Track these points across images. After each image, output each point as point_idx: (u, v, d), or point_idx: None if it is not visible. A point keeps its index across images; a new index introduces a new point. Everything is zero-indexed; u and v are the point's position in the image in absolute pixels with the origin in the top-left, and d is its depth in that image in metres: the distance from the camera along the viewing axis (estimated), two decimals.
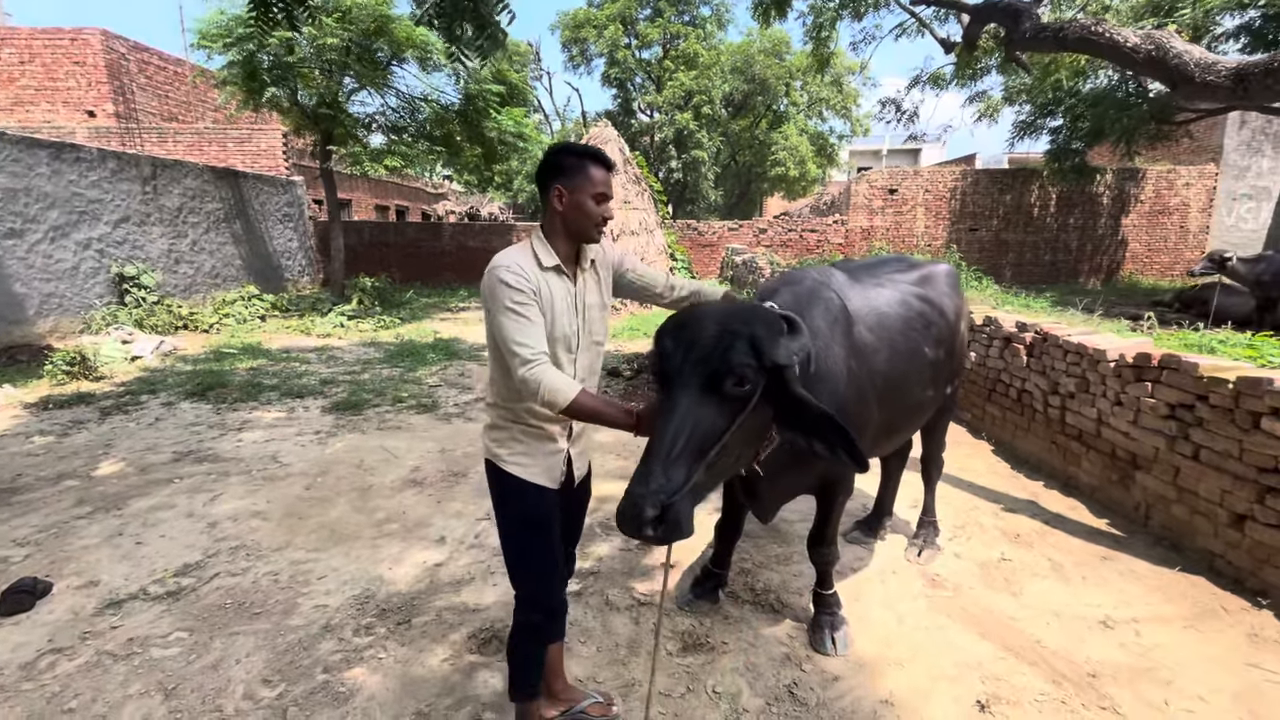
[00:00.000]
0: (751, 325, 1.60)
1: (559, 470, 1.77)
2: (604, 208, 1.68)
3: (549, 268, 1.66)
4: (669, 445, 1.49)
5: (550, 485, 1.76)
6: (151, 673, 2.26)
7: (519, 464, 1.72)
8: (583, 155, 1.66)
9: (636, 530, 1.45)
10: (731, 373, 1.55)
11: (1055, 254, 15.58)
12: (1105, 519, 3.43)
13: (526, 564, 1.79)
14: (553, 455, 1.75)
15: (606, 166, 1.69)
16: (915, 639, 2.48)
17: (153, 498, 3.71)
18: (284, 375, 6.61)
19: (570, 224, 1.68)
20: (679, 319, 1.69)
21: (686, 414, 1.53)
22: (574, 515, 1.96)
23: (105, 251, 8.53)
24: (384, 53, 9.95)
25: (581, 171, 1.64)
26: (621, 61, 20.50)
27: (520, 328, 1.55)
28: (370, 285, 11.71)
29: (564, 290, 1.69)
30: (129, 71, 13.63)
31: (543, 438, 1.74)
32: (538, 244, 1.68)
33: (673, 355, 1.60)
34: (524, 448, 1.73)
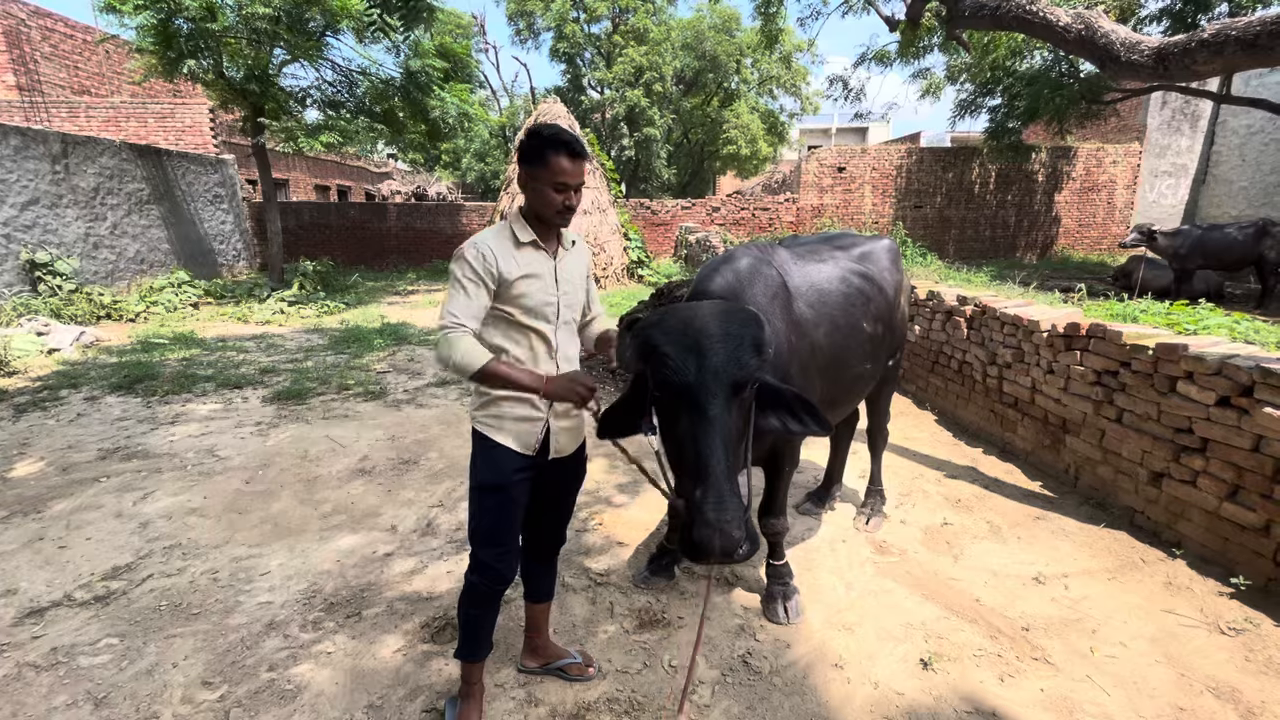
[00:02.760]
0: (749, 327, 1.67)
1: (533, 438, 1.78)
2: (565, 196, 1.68)
3: (526, 243, 1.73)
4: (723, 462, 1.52)
5: (520, 450, 1.77)
6: (79, 682, 2.13)
7: (487, 424, 1.77)
8: (544, 142, 1.65)
9: (729, 557, 1.46)
10: (750, 378, 1.62)
11: (995, 230, 16.18)
12: (1039, 481, 3.61)
13: (479, 523, 1.80)
14: (526, 421, 1.77)
15: (571, 154, 1.65)
16: (864, 604, 2.57)
17: (76, 499, 3.49)
18: (220, 365, 6.29)
19: (533, 208, 1.73)
20: (674, 323, 1.66)
21: (721, 426, 1.56)
22: (561, 490, 1.96)
23: (12, 236, 7.89)
24: (317, 22, 9.41)
25: (540, 158, 1.65)
26: (570, 36, 20.02)
27: (456, 299, 1.64)
28: (312, 269, 11.23)
29: (542, 263, 1.75)
30: (30, 39, 12.53)
31: (519, 402, 1.76)
32: (515, 222, 1.75)
33: (685, 365, 1.58)
34: (497, 409, 1.76)
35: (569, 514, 2.06)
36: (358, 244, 15.62)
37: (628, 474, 3.80)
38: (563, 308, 1.80)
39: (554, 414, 1.81)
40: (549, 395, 1.67)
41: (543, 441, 1.81)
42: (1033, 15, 3.99)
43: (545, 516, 1.99)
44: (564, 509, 2.03)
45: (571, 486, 2.01)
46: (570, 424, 1.88)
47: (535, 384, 1.65)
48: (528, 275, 1.72)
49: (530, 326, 1.75)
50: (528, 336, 1.76)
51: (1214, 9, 9.36)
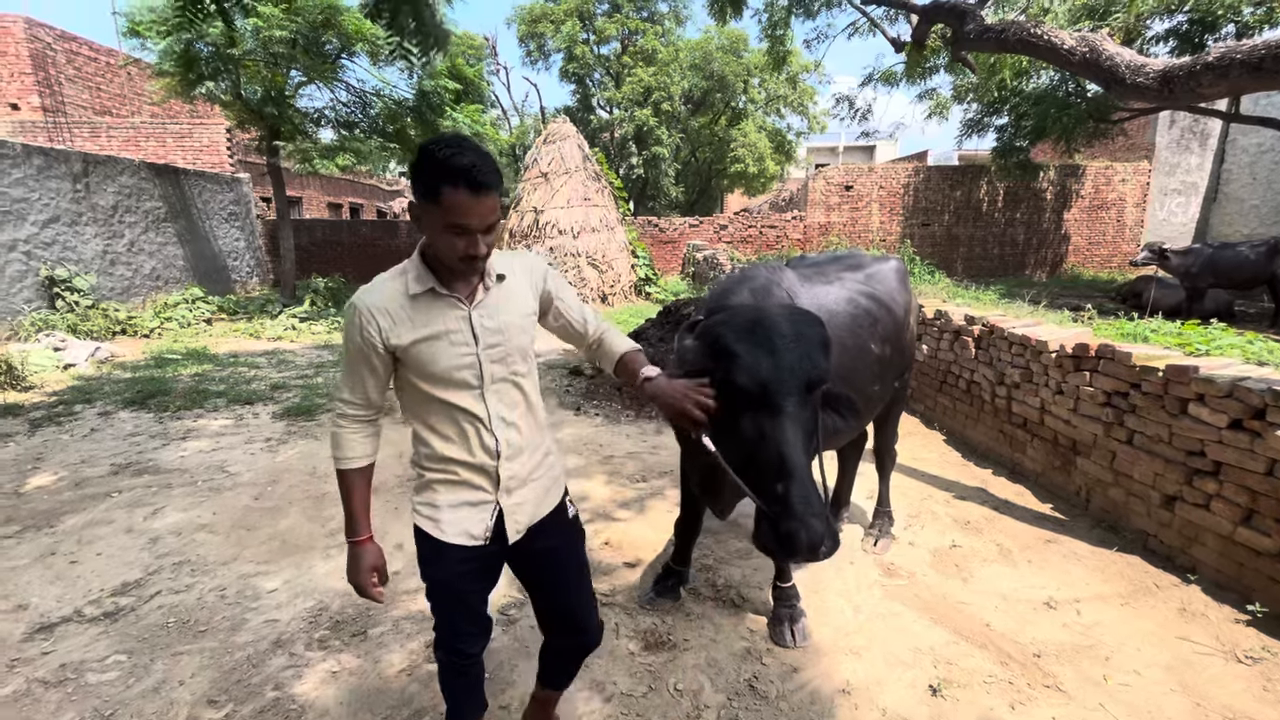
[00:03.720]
0: (815, 328, 1.69)
1: (481, 526, 1.45)
2: (468, 241, 1.27)
3: (419, 294, 1.34)
4: (804, 458, 1.55)
5: (465, 542, 1.45)
6: (87, 699, 2.14)
7: (421, 515, 1.48)
8: (434, 171, 1.21)
9: (815, 552, 1.48)
10: (822, 378, 1.64)
11: (1003, 248, 16.15)
12: (1049, 503, 3.58)
13: (433, 610, 1.56)
14: (467, 507, 1.45)
15: (471, 188, 1.21)
16: (872, 627, 2.54)
17: (88, 513, 3.52)
18: (232, 381, 6.36)
19: (430, 248, 1.36)
20: (744, 324, 1.67)
21: (799, 423, 1.58)
22: (548, 566, 1.59)
23: (33, 253, 8.05)
24: (333, 45, 9.63)
25: (432, 193, 1.22)
26: (580, 57, 20.35)
27: (349, 373, 1.41)
28: (323, 286, 11.38)
29: (446, 318, 1.37)
30: (56, 62, 12.88)
31: (457, 486, 1.45)
32: (413, 266, 1.37)
33: (760, 363, 1.59)
34: (431, 495, 1.46)
35: (578, 595, 1.63)
36: (369, 261, 15.80)
37: (634, 490, 3.80)
38: (489, 364, 1.40)
39: (505, 492, 1.46)
40: (349, 562, 1.49)
41: (495, 526, 1.47)
42: (1037, 38, 4.03)
43: (548, 603, 1.64)
44: (564, 588, 1.62)
45: (558, 563, 1.60)
46: (530, 494, 1.51)
47: (356, 536, 1.48)
48: (422, 338, 1.34)
49: (445, 400, 1.39)
50: (448, 411, 1.40)
51: (1220, 30, 9.40)
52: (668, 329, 6.35)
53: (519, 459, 1.48)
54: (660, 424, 5.09)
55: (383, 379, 1.42)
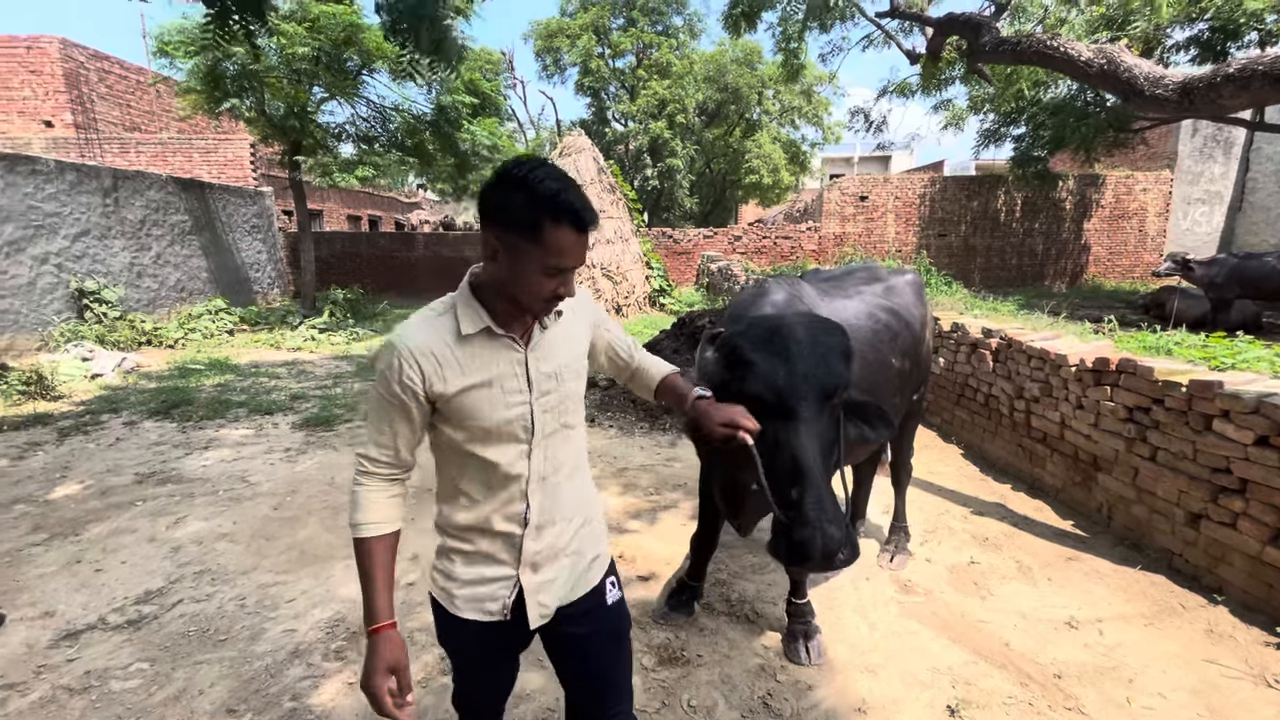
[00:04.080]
0: (836, 336, 1.69)
1: (497, 603, 1.26)
2: (560, 281, 1.14)
3: (471, 335, 1.18)
4: (819, 466, 1.53)
5: (478, 618, 1.27)
6: (110, 706, 2.18)
7: (437, 584, 1.30)
8: (544, 206, 1.07)
9: (830, 561, 1.45)
10: (841, 385, 1.62)
11: (1022, 258, 15.98)
12: (1070, 520, 3.52)
13: (454, 677, 1.41)
14: (485, 583, 1.26)
15: (580, 224, 1.10)
16: (888, 645, 2.51)
17: (113, 522, 3.60)
18: (252, 391, 6.47)
19: (504, 289, 1.17)
20: (761, 334, 1.68)
21: (815, 430, 1.57)
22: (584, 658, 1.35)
23: (64, 266, 8.28)
24: (354, 62, 9.85)
25: (536, 230, 1.08)
26: (595, 71, 20.57)
27: (379, 424, 1.20)
28: (342, 297, 11.54)
29: (500, 362, 1.20)
30: (88, 81, 13.29)
31: (473, 558, 1.27)
32: (463, 302, 1.19)
33: (776, 373, 1.60)
34: (448, 564, 1.29)
35: (612, 697, 1.37)
36: (387, 272, 16.02)
37: (648, 502, 3.79)
38: (540, 414, 1.23)
39: (529, 568, 1.27)
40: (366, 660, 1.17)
41: (515, 604, 1.27)
42: (1053, 50, 4.02)
43: (572, 693, 1.40)
44: (596, 687, 1.37)
45: (592, 657, 1.36)
46: (559, 571, 1.30)
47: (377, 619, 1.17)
48: (475, 385, 1.17)
49: (484, 458, 1.21)
50: (482, 471, 1.22)
51: (1243, 38, 9.28)
52: (682, 340, 6.36)
53: (550, 529, 1.28)
54: (675, 436, 5.09)
55: (418, 432, 1.22)
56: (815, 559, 1.45)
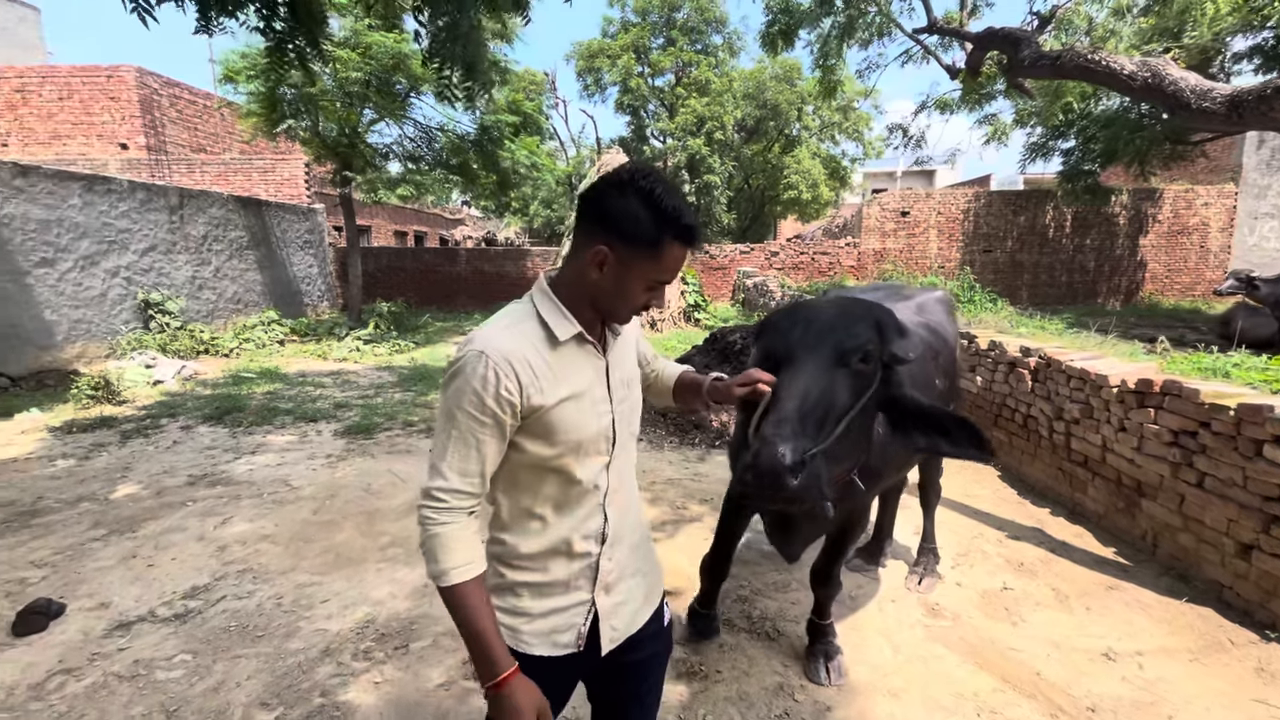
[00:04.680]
0: (873, 311, 1.68)
1: (572, 632, 1.17)
2: (655, 294, 1.14)
3: (567, 340, 1.11)
4: (800, 400, 1.42)
5: (548, 653, 1.16)
6: (155, 695, 2.31)
7: (504, 625, 1.14)
8: (667, 222, 1.04)
9: (774, 478, 1.30)
10: (858, 347, 1.57)
11: (1072, 275, 15.44)
12: (1112, 547, 3.37)
13: None
14: (559, 614, 1.17)
15: (692, 241, 1.08)
16: (912, 669, 2.46)
17: (166, 520, 3.80)
18: (299, 399, 6.75)
19: (600, 299, 1.12)
20: (795, 306, 1.73)
21: (815, 378, 1.50)
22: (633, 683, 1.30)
23: (132, 279, 8.82)
24: (402, 85, 10.29)
25: (656, 244, 1.06)
26: (634, 89, 20.89)
27: (450, 450, 1.06)
28: (387, 310, 11.94)
29: (589, 370, 1.14)
30: (160, 105, 14.20)
31: (544, 591, 1.16)
32: (548, 307, 1.11)
33: (791, 330, 1.61)
34: (514, 600, 1.17)
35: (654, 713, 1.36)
36: (430, 286, 16.49)
37: (674, 515, 3.81)
38: (620, 425, 1.18)
39: (603, 590, 1.19)
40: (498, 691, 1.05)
41: (589, 632, 1.18)
42: (1095, 64, 3.93)
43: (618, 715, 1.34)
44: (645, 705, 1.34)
45: (642, 679, 1.31)
46: (629, 592, 1.23)
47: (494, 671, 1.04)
48: (571, 396, 1.09)
49: (569, 474, 1.12)
50: (563, 489, 1.14)
51: None
52: (713, 355, 6.36)
53: (621, 545, 1.22)
54: (703, 451, 5.09)
55: (501, 452, 1.09)
56: (755, 477, 1.33)
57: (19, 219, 7.28)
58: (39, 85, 13.62)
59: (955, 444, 1.69)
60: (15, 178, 7.26)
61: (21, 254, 7.33)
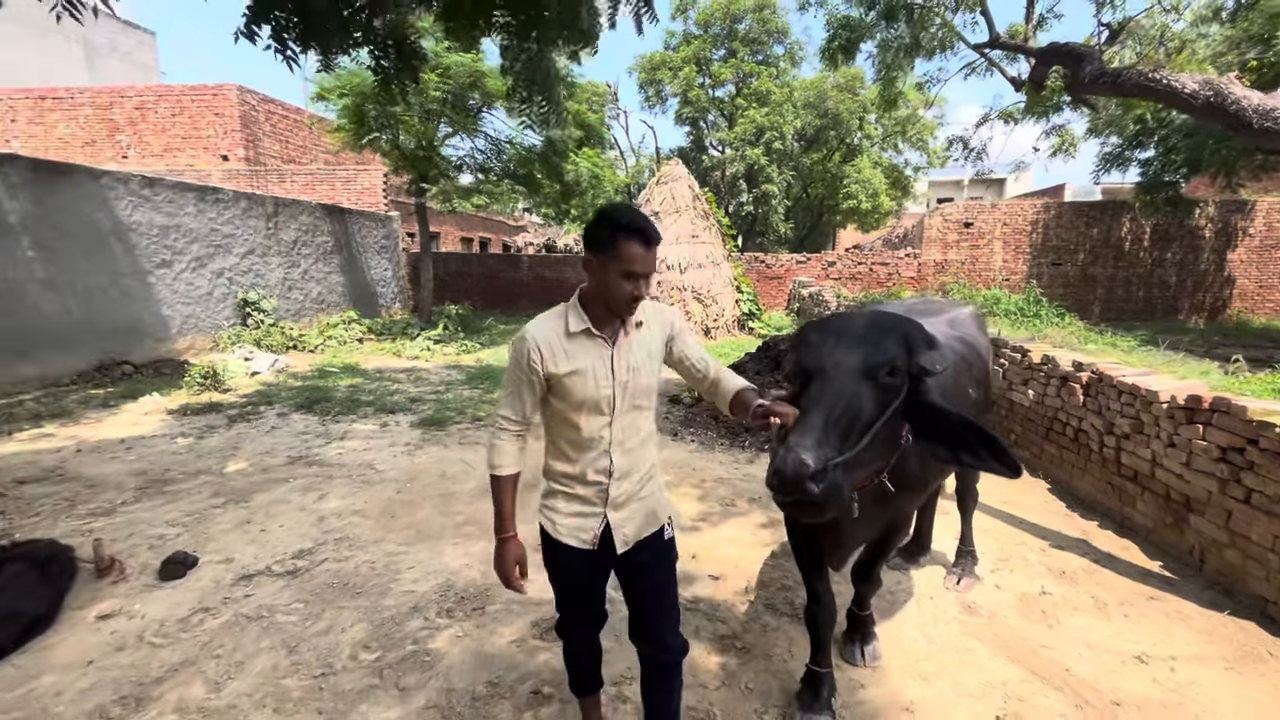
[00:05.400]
0: (903, 325, 1.75)
1: (590, 533, 1.71)
2: (635, 285, 1.57)
3: (577, 332, 1.63)
4: (826, 412, 1.53)
5: (576, 544, 1.72)
6: (277, 633, 2.73)
7: (544, 517, 1.77)
8: (617, 228, 1.55)
9: (797, 484, 1.42)
10: (885, 361, 1.64)
11: (1150, 290, 14.74)
12: (1159, 561, 3.41)
13: (555, 594, 1.88)
14: (578, 517, 1.72)
15: (644, 241, 1.55)
16: (944, 658, 2.62)
17: (272, 493, 4.32)
18: (378, 393, 7.34)
19: (600, 295, 1.62)
20: (828, 318, 1.84)
21: (842, 390, 1.58)
22: (644, 577, 1.79)
23: (234, 280, 9.74)
24: (475, 101, 10.94)
25: (613, 246, 1.55)
26: (694, 100, 21.22)
27: (505, 395, 1.70)
28: (455, 312, 12.62)
29: (594, 355, 1.64)
30: (257, 120, 15.48)
31: (571, 499, 1.72)
32: (571, 309, 1.66)
33: (821, 344, 1.69)
34: (552, 503, 1.75)
35: (667, 604, 1.82)
36: (494, 290, 17.24)
37: (721, 510, 4.05)
38: (621, 398, 1.66)
39: (612, 508, 1.71)
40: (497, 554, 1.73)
41: (602, 535, 1.72)
42: (1155, 82, 3.96)
43: (639, 609, 1.84)
44: (655, 598, 1.81)
45: (652, 572, 1.80)
46: (630, 513, 1.74)
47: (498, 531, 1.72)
48: (573, 371, 1.61)
49: (578, 424, 1.65)
50: (578, 431, 1.66)
51: None
52: (765, 364, 6.55)
53: (628, 479, 1.72)
54: (753, 454, 5.30)
55: (536, 400, 1.69)
56: (779, 483, 1.45)
57: (144, 225, 8.21)
58: (155, 103, 15.10)
59: (978, 458, 1.71)
60: (143, 188, 8.19)
61: (145, 256, 8.26)
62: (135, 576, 3.20)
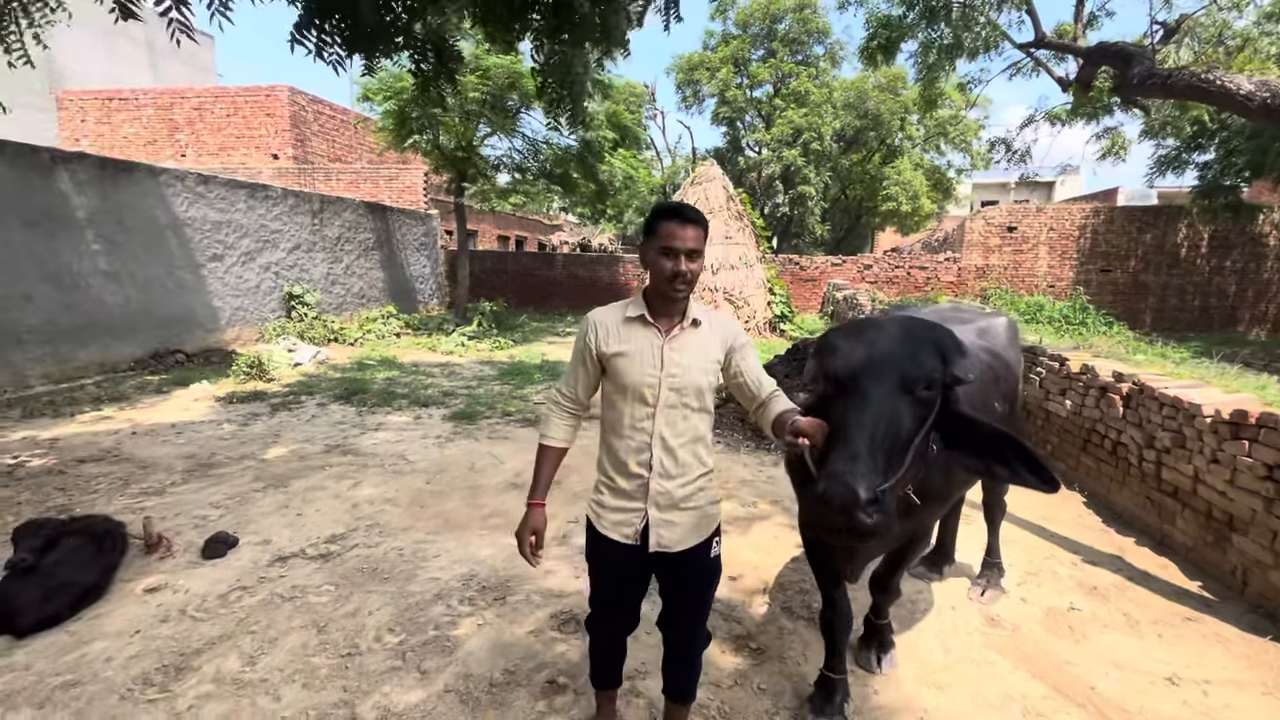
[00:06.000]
0: (936, 334, 1.66)
1: (631, 528, 1.75)
2: (675, 262, 1.63)
3: (633, 318, 1.73)
4: (870, 434, 1.44)
5: (617, 539, 1.76)
6: (309, 613, 2.86)
7: (591, 509, 1.84)
8: (657, 212, 1.69)
9: (848, 513, 1.33)
10: (924, 374, 1.55)
11: (1207, 299, 14.09)
12: (1198, 581, 3.28)
13: (590, 584, 1.93)
14: (621, 512, 1.76)
15: (680, 219, 1.63)
16: (962, 669, 2.59)
17: (309, 480, 4.50)
18: (413, 386, 7.54)
19: (651, 280, 1.71)
20: (856, 325, 1.73)
21: (882, 409, 1.48)
22: (679, 586, 1.84)
23: (280, 274, 10.11)
24: (514, 102, 11.12)
25: (653, 227, 1.67)
26: (732, 101, 21.11)
27: (570, 369, 1.82)
28: (489, 309, 12.85)
29: (645, 341, 1.70)
30: (306, 120, 16.02)
31: (616, 493, 1.77)
32: (632, 298, 1.78)
33: (853, 354, 1.58)
34: (599, 496, 1.82)
35: (697, 614, 1.88)
36: (528, 288, 17.48)
37: (744, 511, 4.05)
38: (666, 390, 1.68)
39: (654, 505, 1.73)
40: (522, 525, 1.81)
41: (643, 532, 1.74)
42: (1208, 84, 3.81)
43: (669, 608, 1.90)
44: (687, 607, 1.87)
45: (690, 586, 1.84)
46: (678, 517, 1.74)
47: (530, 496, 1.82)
48: (622, 353, 1.69)
49: (623, 409, 1.72)
50: (624, 415, 1.72)
51: None
52: (794, 366, 6.51)
53: (672, 481, 1.71)
54: (777, 457, 5.28)
55: (591, 380, 1.79)
56: (834, 509, 1.34)
57: (199, 220, 8.60)
58: (212, 104, 15.77)
59: (1012, 471, 1.60)
60: (198, 185, 8.59)
61: (199, 250, 8.65)
62: (180, 554, 3.37)
